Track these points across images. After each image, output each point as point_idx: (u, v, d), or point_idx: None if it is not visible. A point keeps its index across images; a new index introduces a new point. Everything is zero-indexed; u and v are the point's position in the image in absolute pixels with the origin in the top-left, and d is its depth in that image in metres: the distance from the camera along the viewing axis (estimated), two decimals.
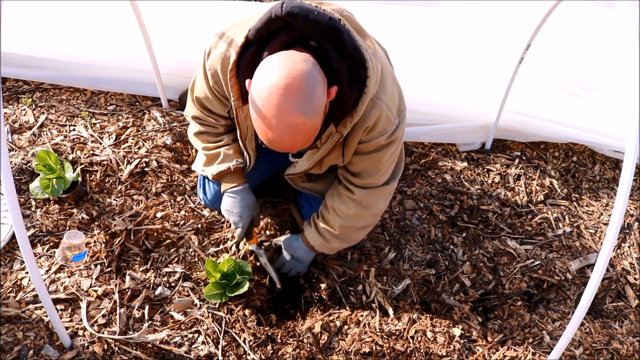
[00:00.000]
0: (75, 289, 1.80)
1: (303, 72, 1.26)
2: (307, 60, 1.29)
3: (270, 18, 1.33)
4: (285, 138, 1.30)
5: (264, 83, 1.27)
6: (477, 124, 2.61)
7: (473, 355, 1.88)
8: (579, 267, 2.25)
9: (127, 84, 2.51)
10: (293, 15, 1.29)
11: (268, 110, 1.27)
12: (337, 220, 1.81)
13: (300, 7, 1.30)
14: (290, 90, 1.24)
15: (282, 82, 1.24)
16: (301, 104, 1.26)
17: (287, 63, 1.27)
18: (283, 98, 1.24)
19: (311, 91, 1.27)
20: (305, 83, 1.26)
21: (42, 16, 2.57)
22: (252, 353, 1.76)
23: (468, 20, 3.02)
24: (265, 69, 1.29)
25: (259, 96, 1.28)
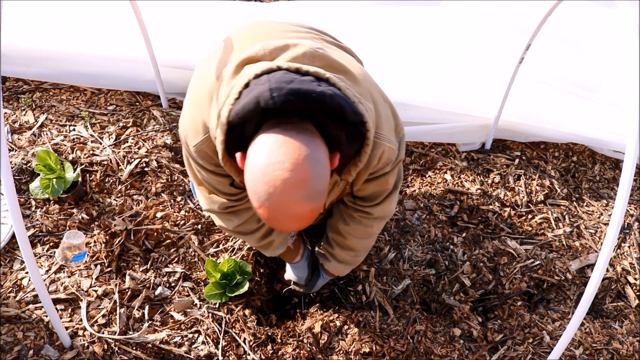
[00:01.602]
0: (75, 289, 1.80)
1: (307, 159, 1.10)
2: (308, 140, 1.13)
3: (257, 108, 1.13)
4: (296, 225, 1.16)
5: (263, 177, 1.10)
6: (477, 124, 2.61)
7: (473, 355, 1.88)
8: (579, 267, 2.25)
9: (128, 81, 2.51)
10: (290, 104, 1.12)
11: (272, 204, 1.11)
12: (354, 241, 1.75)
13: (295, 92, 1.12)
14: (295, 182, 1.08)
15: (286, 176, 1.08)
16: (308, 193, 1.11)
17: (287, 151, 1.09)
18: (289, 192, 1.09)
19: (317, 177, 1.11)
20: (311, 171, 1.10)
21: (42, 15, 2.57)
22: (252, 353, 1.76)
23: (468, 20, 3.02)
24: (262, 161, 1.10)
25: (258, 189, 1.11)
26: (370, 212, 1.65)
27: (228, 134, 1.20)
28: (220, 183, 1.47)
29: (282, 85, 1.12)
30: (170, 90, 2.55)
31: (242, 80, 1.18)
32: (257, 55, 1.25)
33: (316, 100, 1.14)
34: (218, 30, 2.69)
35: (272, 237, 1.71)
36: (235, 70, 1.24)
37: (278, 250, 1.77)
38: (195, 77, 1.43)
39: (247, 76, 1.18)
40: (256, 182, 1.11)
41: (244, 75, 1.19)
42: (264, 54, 1.25)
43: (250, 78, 1.17)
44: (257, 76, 1.17)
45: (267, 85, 1.13)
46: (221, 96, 1.22)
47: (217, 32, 2.67)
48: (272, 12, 2.91)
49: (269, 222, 1.16)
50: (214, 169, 1.41)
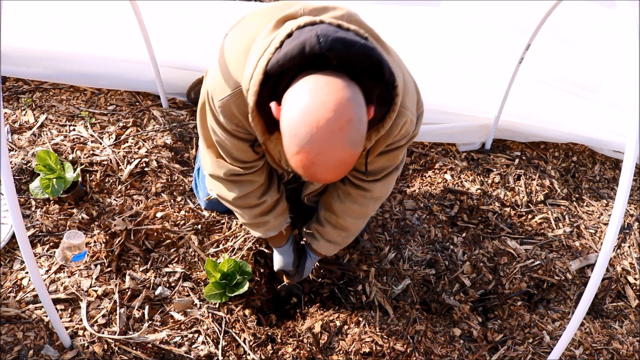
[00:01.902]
0: (75, 289, 1.80)
1: (351, 101, 1.09)
2: (350, 84, 1.12)
3: (303, 53, 1.13)
4: (332, 173, 1.14)
5: (305, 117, 1.07)
6: (477, 124, 2.61)
7: (473, 355, 1.88)
8: (579, 267, 2.25)
9: (128, 81, 2.51)
10: (335, 51, 1.12)
11: (313, 147, 1.08)
12: (348, 220, 1.75)
13: (341, 40, 1.13)
14: (339, 124, 1.07)
15: (329, 116, 1.06)
16: (351, 137, 1.10)
17: (330, 91, 1.08)
18: (332, 134, 1.07)
19: (360, 120, 1.11)
20: (354, 113, 1.09)
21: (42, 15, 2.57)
22: (252, 353, 1.76)
23: (468, 20, 3.02)
24: (305, 100, 1.09)
25: (300, 132, 1.08)
26: (370, 188, 1.64)
27: (262, 85, 1.19)
28: (234, 146, 1.45)
29: (328, 32, 1.13)
30: (170, 91, 2.55)
31: (285, 31, 1.18)
32: (297, 13, 1.26)
33: (360, 50, 1.15)
34: (218, 30, 2.68)
35: (268, 217, 1.70)
36: (275, 26, 1.24)
37: (270, 233, 1.75)
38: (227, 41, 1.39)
39: (290, 27, 1.18)
40: (297, 124, 1.08)
41: (286, 27, 1.19)
42: (303, 13, 1.26)
43: (294, 29, 1.18)
44: (299, 27, 1.18)
45: (313, 32, 1.13)
46: (260, 48, 1.22)
47: (217, 32, 2.67)
48: None
49: (306, 171, 1.14)
50: (233, 128, 1.38)
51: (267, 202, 1.67)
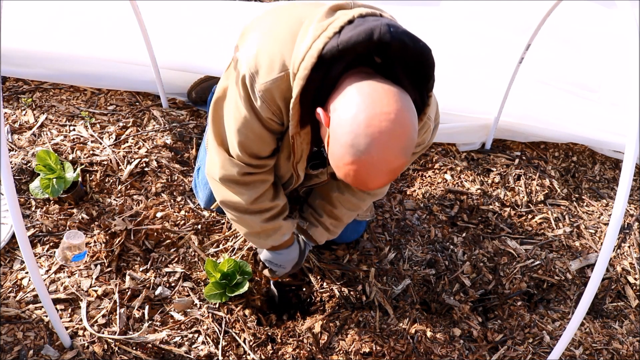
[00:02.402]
0: (75, 289, 1.80)
1: (408, 111, 1.08)
2: (403, 93, 1.11)
3: (370, 39, 1.10)
4: (384, 181, 1.13)
5: (366, 129, 1.05)
6: (477, 124, 2.61)
7: (473, 355, 1.88)
8: (579, 267, 2.25)
9: (128, 81, 2.51)
10: (402, 43, 1.11)
11: (370, 158, 1.07)
12: (343, 211, 1.74)
13: (408, 34, 1.12)
14: (398, 134, 1.06)
15: (390, 127, 1.05)
16: (406, 146, 1.09)
17: (390, 101, 1.06)
18: (391, 145, 1.06)
19: (415, 129, 1.10)
20: (411, 123, 1.08)
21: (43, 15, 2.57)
22: (252, 353, 1.76)
23: (468, 20, 3.02)
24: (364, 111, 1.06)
25: (359, 143, 1.06)
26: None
27: (313, 70, 1.15)
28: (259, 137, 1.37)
29: (397, 25, 1.12)
30: (170, 91, 2.55)
31: (346, 17, 1.15)
32: (348, 4, 1.24)
33: (422, 48, 1.15)
34: (218, 31, 2.69)
35: (279, 220, 1.61)
36: (328, 12, 1.21)
37: (284, 237, 1.66)
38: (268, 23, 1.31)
39: (352, 14, 1.15)
40: (356, 134, 1.06)
41: (347, 14, 1.16)
42: (354, 6, 1.25)
43: (355, 16, 1.15)
44: (362, 16, 1.15)
45: (382, 21, 1.11)
46: (315, 30, 1.17)
47: (217, 33, 2.67)
48: None
49: (356, 179, 1.13)
50: (269, 116, 1.30)
51: (279, 205, 1.60)
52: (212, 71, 2.43)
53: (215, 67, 2.42)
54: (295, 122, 1.27)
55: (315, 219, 1.79)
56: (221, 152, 1.47)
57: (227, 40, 2.60)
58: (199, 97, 2.49)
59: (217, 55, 2.47)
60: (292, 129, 1.29)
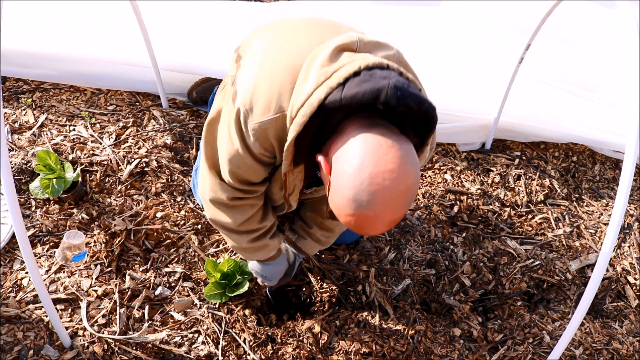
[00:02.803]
0: (75, 289, 1.80)
1: (412, 166, 1.09)
2: (406, 144, 1.10)
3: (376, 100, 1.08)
4: (383, 230, 1.14)
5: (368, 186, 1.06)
6: (477, 124, 2.61)
7: (473, 355, 1.88)
8: (579, 267, 2.25)
9: (128, 81, 2.51)
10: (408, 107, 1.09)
11: (372, 212, 1.08)
12: (333, 223, 1.75)
13: (415, 97, 1.10)
14: (400, 189, 1.07)
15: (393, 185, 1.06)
16: (408, 200, 1.10)
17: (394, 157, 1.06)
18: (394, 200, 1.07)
19: (417, 182, 1.11)
20: (414, 179, 1.09)
21: (43, 15, 2.57)
22: (252, 353, 1.76)
23: (468, 20, 3.02)
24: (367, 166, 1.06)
25: (361, 198, 1.06)
26: None
27: (311, 119, 1.13)
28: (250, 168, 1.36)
29: (403, 85, 1.10)
30: (170, 91, 2.55)
31: (351, 68, 1.12)
32: (353, 44, 1.20)
33: (427, 111, 1.13)
34: (218, 31, 2.69)
35: (266, 239, 1.64)
36: (332, 55, 1.17)
37: (271, 253, 1.70)
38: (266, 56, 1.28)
39: (358, 65, 1.12)
40: (359, 190, 1.06)
41: (352, 63, 1.13)
42: (359, 46, 1.21)
43: (362, 67, 1.12)
44: (368, 68, 1.12)
45: (389, 82, 1.08)
46: (316, 77, 1.14)
47: (217, 33, 2.67)
48: (272, 12, 2.91)
49: (357, 228, 1.13)
50: (261, 152, 1.30)
51: (267, 226, 1.61)
52: (212, 72, 2.43)
53: (215, 68, 2.42)
54: (289, 162, 1.26)
55: (305, 232, 1.80)
56: (212, 176, 1.47)
57: (227, 41, 2.60)
58: (199, 97, 2.50)
59: (217, 56, 2.47)
60: (285, 168, 1.28)
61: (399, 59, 1.27)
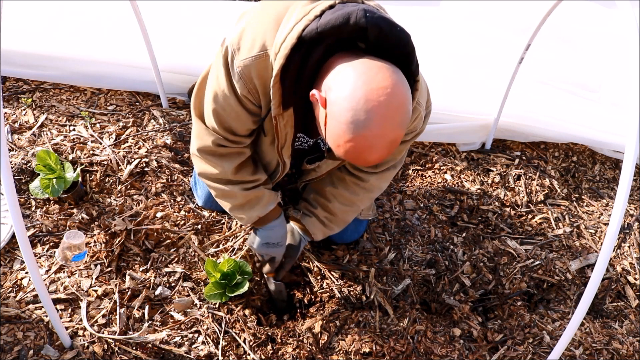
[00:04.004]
0: (75, 289, 1.80)
1: (402, 83, 1.13)
2: (395, 68, 1.15)
3: (347, 24, 1.14)
4: (384, 154, 1.18)
5: (365, 104, 1.09)
6: (477, 124, 2.61)
7: (473, 355, 1.88)
8: (579, 267, 2.25)
9: (128, 81, 2.51)
10: (378, 28, 1.14)
11: (371, 132, 1.11)
12: (336, 205, 1.74)
13: (386, 20, 1.16)
14: (395, 106, 1.11)
15: (388, 101, 1.09)
16: (403, 118, 1.13)
17: (385, 76, 1.11)
18: (390, 117, 1.11)
19: (409, 101, 1.15)
20: (406, 95, 1.13)
21: (43, 15, 2.58)
22: (252, 353, 1.76)
23: (468, 20, 3.02)
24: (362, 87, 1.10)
25: (358, 117, 1.10)
26: (365, 178, 1.65)
27: (293, 50, 1.19)
28: (235, 114, 1.41)
29: (373, 10, 1.16)
30: (170, 91, 2.55)
31: (327, 3, 1.19)
32: None
33: (400, 33, 1.17)
34: (218, 31, 2.69)
35: (262, 190, 1.63)
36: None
37: (269, 206, 1.66)
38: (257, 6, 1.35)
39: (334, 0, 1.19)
40: (356, 110, 1.10)
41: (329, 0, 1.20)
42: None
43: (337, 2, 1.19)
44: (342, 2, 1.19)
45: (359, 7, 1.15)
46: (297, 14, 1.21)
47: (217, 33, 2.67)
48: None
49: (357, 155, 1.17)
50: (244, 94, 1.35)
51: (261, 179, 1.63)
52: None
53: None
54: (277, 102, 1.30)
55: (309, 211, 1.80)
56: (198, 123, 1.52)
57: None
58: None
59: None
60: (275, 110, 1.32)
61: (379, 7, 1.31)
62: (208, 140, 1.50)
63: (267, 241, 1.75)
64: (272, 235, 1.74)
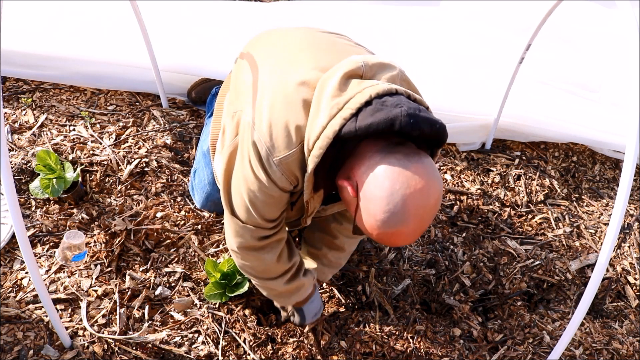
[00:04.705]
0: (75, 289, 1.80)
1: (436, 178, 1.16)
2: (426, 159, 1.17)
3: (392, 128, 1.13)
4: (413, 241, 1.22)
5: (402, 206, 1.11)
6: (477, 124, 2.61)
7: (473, 355, 1.88)
8: (579, 267, 2.25)
9: (128, 81, 2.51)
10: (421, 131, 1.15)
11: (407, 227, 1.14)
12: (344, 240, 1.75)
13: (427, 120, 1.16)
14: (431, 204, 1.14)
15: (426, 202, 1.13)
16: (436, 211, 1.18)
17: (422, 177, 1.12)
18: (425, 216, 1.14)
19: (441, 193, 1.19)
20: (439, 189, 1.16)
21: (43, 15, 2.57)
22: (252, 353, 1.76)
23: (468, 20, 3.02)
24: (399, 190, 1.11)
25: (396, 218, 1.13)
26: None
27: (328, 149, 1.18)
28: (275, 201, 1.36)
29: (415, 111, 1.15)
30: (170, 91, 2.55)
31: (363, 98, 1.16)
32: (359, 70, 1.24)
33: (439, 131, 1.19)
34: (219, 32, 2.69)
35: (300, 278, 1.63)
36: (341, 84, 1.20)
37: (307, 291, 1.69)
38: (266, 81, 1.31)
39: (369, 94, 1.17)
40: (393, 213, 1.12)
41: (362, 92, 1.17)
42: (364, 71, 1.25)
43: (372, 96, 1.16)
44: (379, 96, 1.17)
45: (402, 110, 1.13)
46: (329, 108, 1.18)
47: (217, 34, 2.67)
48: (272, 12, 2.91)
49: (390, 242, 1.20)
50: (284, 185, 1.30)
51: (297, 262, 1.63)
52: (212, 73, 2.43)
53: (215, 69, 2.42)
54: (310, 191, 1.30)
55: (314, 256, 1.80)
56: (233, 220, 1.46)
57: (227, 41, 2.60)
58: (198, 97, 2.50)
59: (217, 57, 2.47)
60: (307, 196, 1.32)
61: (403, 78, 1.32)
62: (247, 235, 1.46)
63: (315, 312, 1.78)
64: (315, 307, 1.77)
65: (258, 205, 1.37)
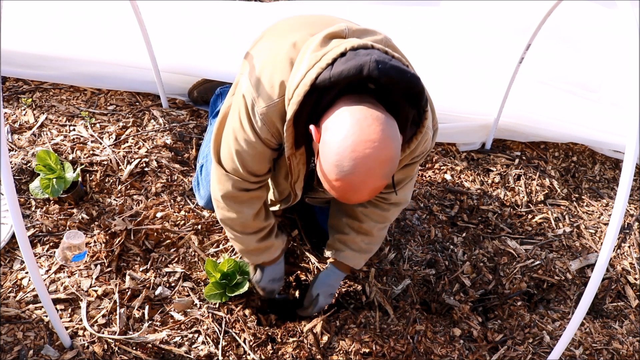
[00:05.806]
0: (75, 289, 1.80)
1: (393, 139, 1.18)
2: (390, 120, 1.20)
3: (360, 74, 1.19)
4: (365, 198, 1.24)
5: (351, 153, 1.15)
6: (477, 124, 2.61)
7: (473, 355, 1.88)
8: (579, 267, 2.25)
9: (128, 81, 2.51)
10: (389, 77, 1.20)
11: (354, 178, 1.17)
12: (371, 224, 1.75)
13: (396, 68, 1.21)
14: (381, 159, 1.16)
15: (374, 154, 1.15)
16: (388, 171, 1.20)
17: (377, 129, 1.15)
18: (374, 168, 1.16)
19: (397, 157, 1.21)
20: (394, 150, 1.18)
21: (43, 15, 2.57)
22: (252, 353, 1.76)
23: (468, 20, 3.02)
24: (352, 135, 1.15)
25: (343, 163, 1.16)
26: (388, 197, 1.69)
27: (306, 97, 1.24)
28: (258, 155, 1.46)
29: (385, 59, 1.20)
30: (170, 91, 2.55)
31: (338, 50, 1.24)
32: (343, 32, 1.32)
33: (410, 79, 1.23)
34: (219, 32, 2.69)
35: (271, 239, 1.74)
36: (323, 42, 1.29)
37: (274, 255, 1.78)
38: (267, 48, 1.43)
39: (344, 47, 1.24)
40: (342, 157, 1.16)
41: (339, 46, 1.25)
42: (348, 33, 1.33)
43: (347, 49, 1.23)
44: (353, 49, 1.23)
45: (371, 57, 1.19)
46: (309, 60, 1.26)
47: (217, 34, 2.67)
48: (272, 12, 2.91)
49: (341, 195, 1.24)
50: (267, 137, 1.41)
51: (272, 223, 1.72)
52: (212, 74, 2.43)
53: (215, 70, 2.42)
54: (290, 144, 1.36)
55: (342, 242, 1.81)
56: (218, 169, 1.57)
57: (227, 41, 2.60)
58: (200, 97, 2.50)
59: (217, 57, 2.47)
60: (288, 151, 1.38)
61: (387, 43, 1.36)
62: (228, 185, 1.56)
63: (272, 277, 1.83)
64: (276, 272, 1.84)
65: (243, 156, 1.47)
